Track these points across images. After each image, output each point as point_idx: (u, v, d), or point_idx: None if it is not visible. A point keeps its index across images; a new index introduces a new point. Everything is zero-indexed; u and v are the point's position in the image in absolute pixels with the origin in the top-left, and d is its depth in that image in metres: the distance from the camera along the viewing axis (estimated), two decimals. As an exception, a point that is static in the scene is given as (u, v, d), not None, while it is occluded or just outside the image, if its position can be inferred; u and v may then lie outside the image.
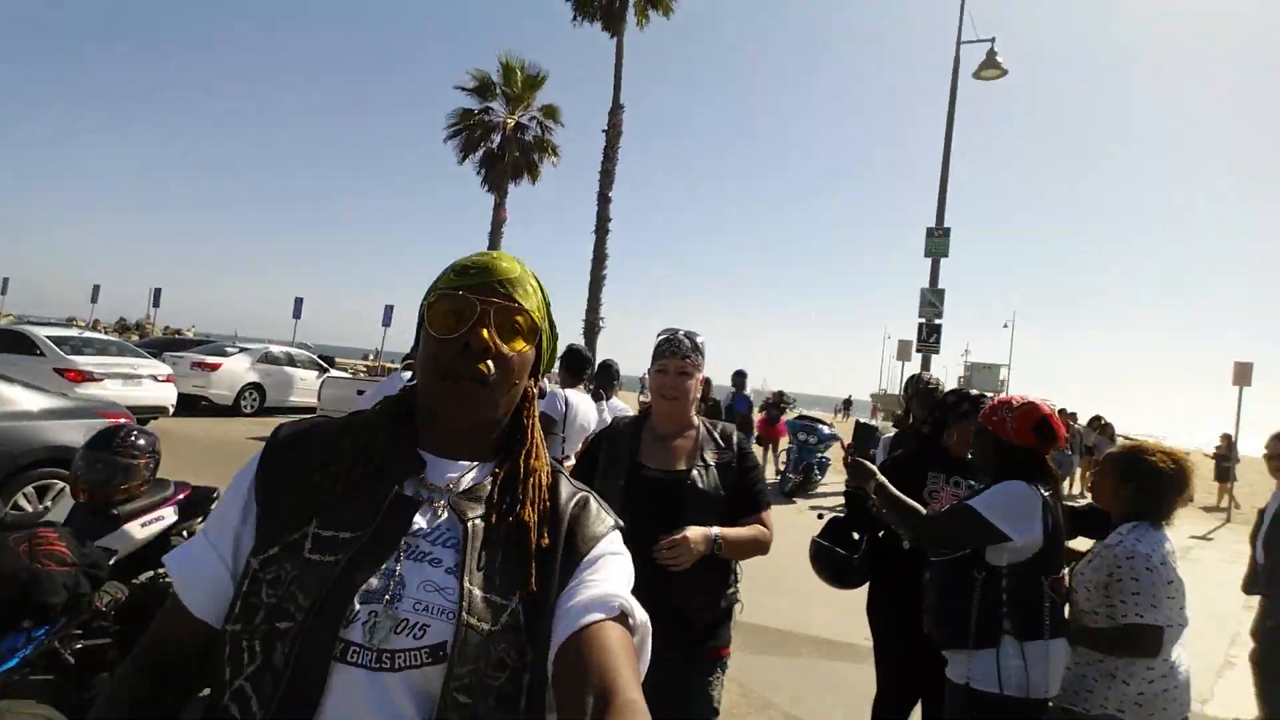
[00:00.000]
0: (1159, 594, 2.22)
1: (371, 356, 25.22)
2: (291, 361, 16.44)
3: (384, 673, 0.80)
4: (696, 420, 2.37)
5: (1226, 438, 15.80)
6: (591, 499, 1.02)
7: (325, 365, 17.49)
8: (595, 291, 22.08)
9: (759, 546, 2.22)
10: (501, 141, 24.31)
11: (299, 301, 22.39)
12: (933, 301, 15.22)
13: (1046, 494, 2.27)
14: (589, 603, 0.85)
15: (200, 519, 3.64)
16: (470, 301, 0.93)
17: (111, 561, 2.72)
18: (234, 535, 0.91)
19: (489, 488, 0.95)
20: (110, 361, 10.78)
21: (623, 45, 22.54)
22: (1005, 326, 53.90)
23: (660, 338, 2.34)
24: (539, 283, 1.03)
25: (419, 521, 0.90)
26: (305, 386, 16.09)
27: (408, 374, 4.46)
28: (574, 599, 0.86)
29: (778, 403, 14.79)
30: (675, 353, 2.27)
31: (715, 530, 2.10)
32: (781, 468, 13.03)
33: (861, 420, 3.96)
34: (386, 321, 21.99)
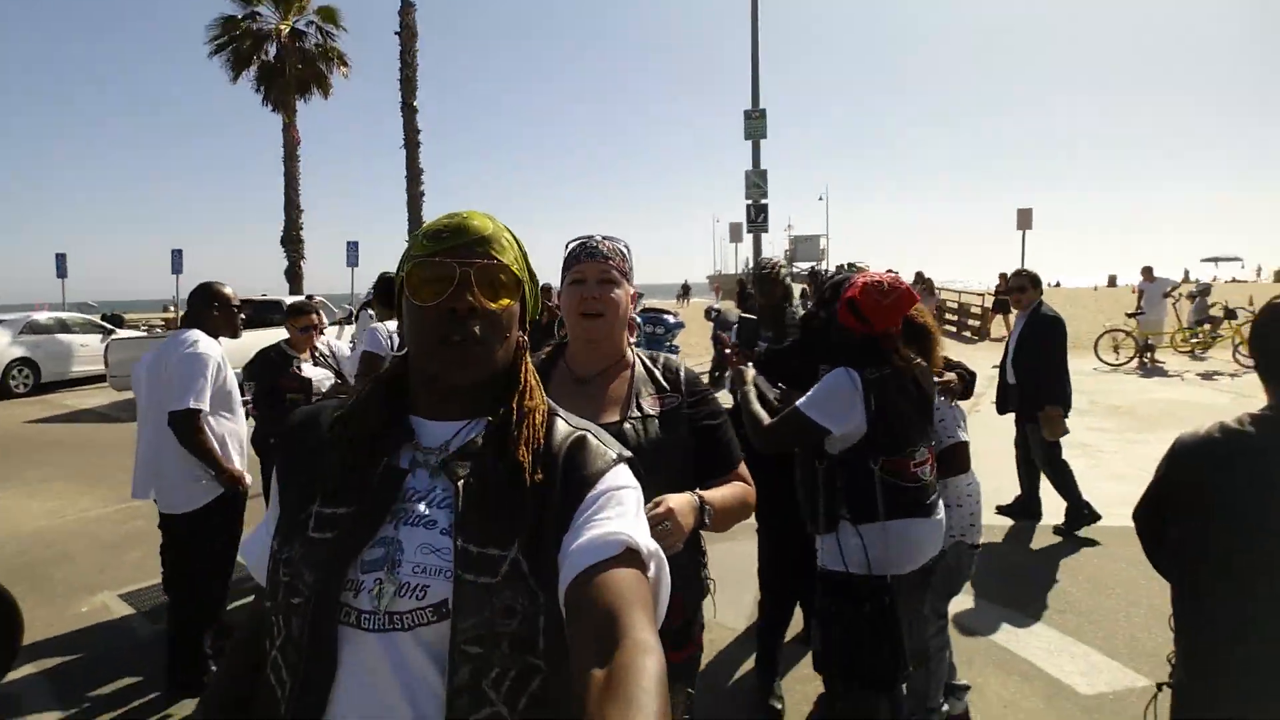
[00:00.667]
0: (958, 415, 2.72)
1: (171, 308, 22.29)
2: (65, 328, 14.26)
3: (396, 633, 0.84)
4: (630, 354, 1.74)
5: (1003, 276, 17.82)
6: (589, 435, 1.00)
7: (109, 326, 15.24)
8: (415, 210, 20.72)
9: (746, 510, 1.67)
10: (278, 52, 21.55)
11: (60, 258, 19.25)
12: (757, 182, 15.56)
13: (875, 375, 2.27)
14: (591, 544, 0.84)
15: None
16: (449, 265, 0.94)
17: None
18: (274, 516, 0.99)
19: (480, 441, 0.95)
20: None
21: (402, -68, 20.31)
22: (820, 199, 56.87)
23: (571, 245, 1.70)
24: (513, 234, 1.04)
25: (413, 487, 0.93)
26: (89, 353, 13.99)
27: (386, 324, 3.97)
28: (576, 540, 0.86)
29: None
30: (593, 255, 1.64)
31: (698, 494, 1.53)
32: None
33: (716, 308, 3.89)
34: (177, 268, 19.31)
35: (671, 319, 12.45)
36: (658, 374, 1.71)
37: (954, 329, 20.12)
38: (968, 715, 2.97)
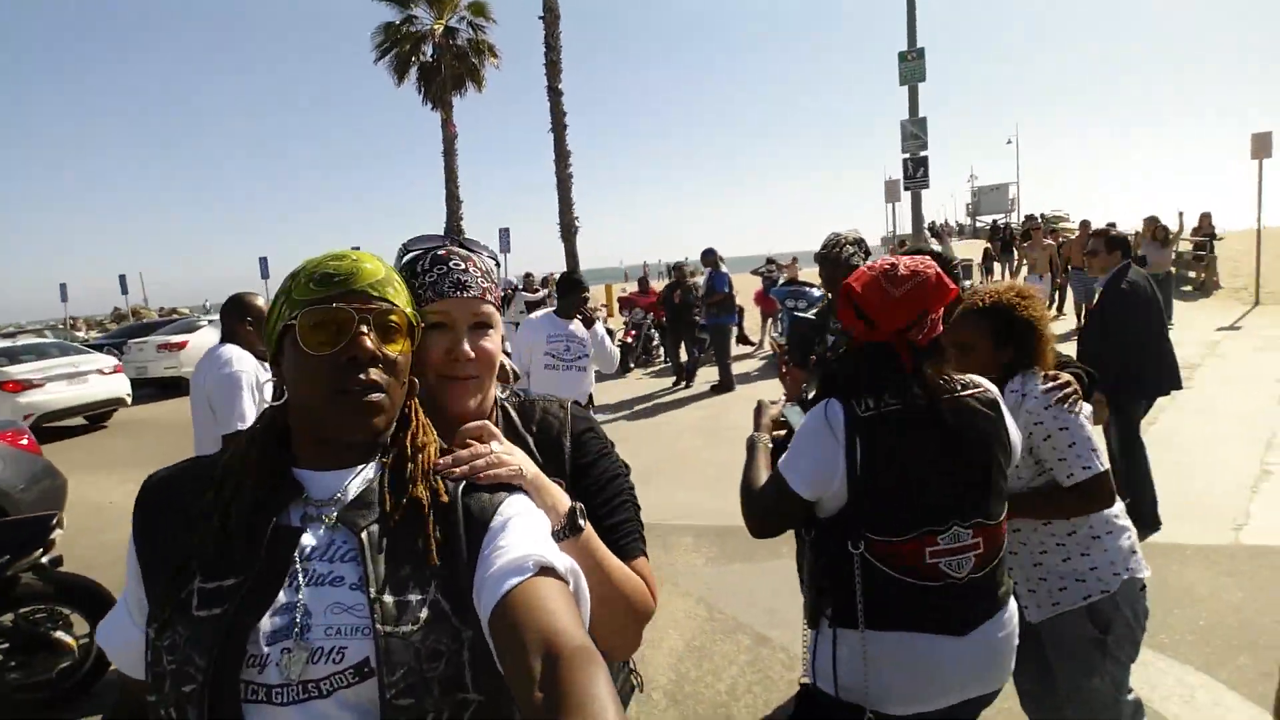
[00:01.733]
0: (1090, 436, 1.97)
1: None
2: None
3: (314, 701, 0.80)
4: (495, 407, 1.25)
5: (1204, 217, 15.89)
6: None
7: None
8: (565, 192, 20.91)
9: (630, 612, 1.09)
10: (434, 52, 22.61)
11: (264, 261, 21.64)
12: (915, 133, 14.09)
13: (870, 413, 1.58)
14: (506, 568, 0.82)
15: (40, 551, 3.19)
16: (346, 312, 0.90)
17: None
18: (138, 599, 0.92)
19: (376, 486, 0.92)
20: (50, 365, 10.26)
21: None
22: (1009, 143, 51.66)
23: (412, 255, 1.19)
24: (399, 277, 1.00)
25: (310, 544, 0.88)
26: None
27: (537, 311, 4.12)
28: (489, 569, 0.84)
29: (769, 271, 13.97)
30: (460, 287, 1.14)
31: (579, 507, 1.05)
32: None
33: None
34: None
35: (816, 291, 11.48)
36: (531, 444, 1.20)
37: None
38: None
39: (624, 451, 1.32)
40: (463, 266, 1.15)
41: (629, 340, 12.80)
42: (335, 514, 0.90)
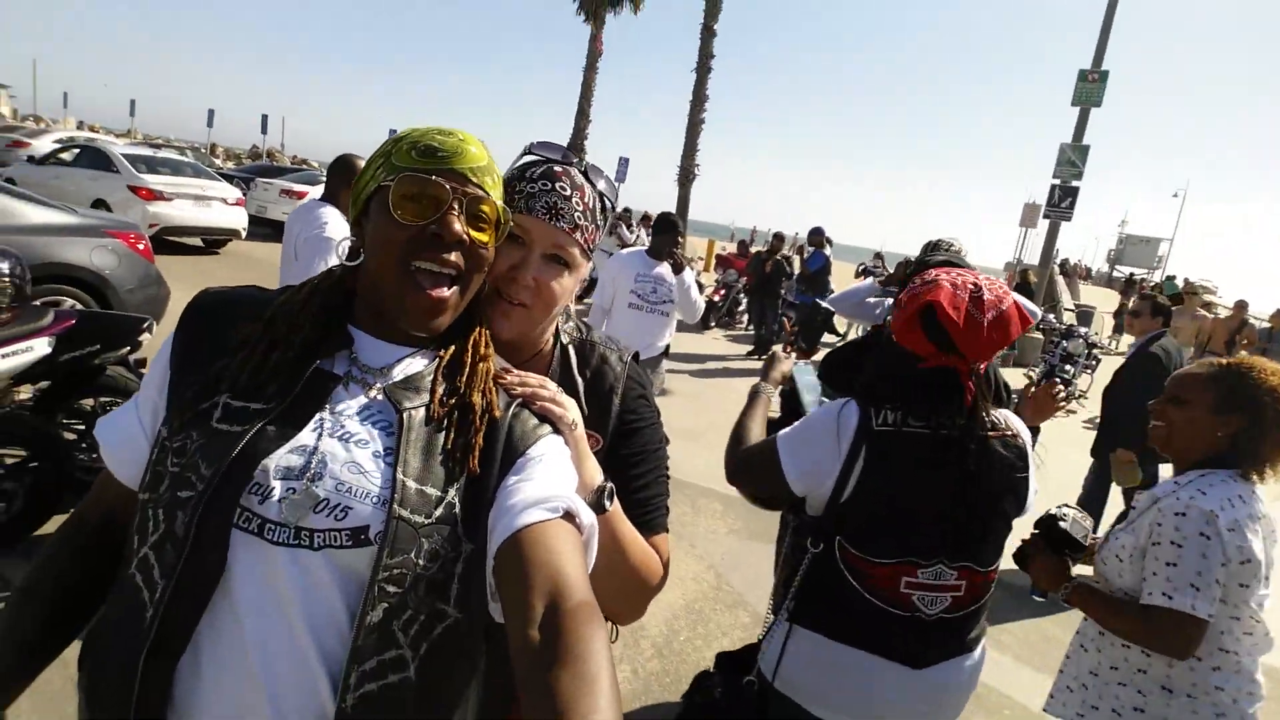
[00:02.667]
0: (1207, 571, 1.54)
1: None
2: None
3: (302, 550, 0.78)
4: (553, 345, 1.21)
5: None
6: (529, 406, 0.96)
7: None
8: (692, 137, 20.59)
9: (642, 585, 1.09)
10: (601, -38, 22.20)
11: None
12: (1073, 160, 13.14)
13: (888, 429, 1.50)
14: (529, 501, 0.82)
15: (128, 349, 3.44)
16: (442, 187, 0.88)
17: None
18: (153, 404, 0.91)
19: (429, 376, 0.91)
20: (182, 182, 10.85)
21: None
22: (1175, 196, 47.95)
23: (530, 160, 1.13)
24: (498, 171, 0.99)
25: (345, 399, 0.87)
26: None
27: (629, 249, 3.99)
28: (513, 497, 0.83)
29: (874, 267, 13.49)
30: (550, 211, 1.07)
31: (609, 486, 1.02)
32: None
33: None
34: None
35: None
36: (580, 388, 1.16)
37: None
38: None
39: (683, 407, 1.36)
40: (568, 193, 1.08)
41: (716, 299, 12.69)
42: (383, 386, 0.89)
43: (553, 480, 0.86)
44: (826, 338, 11.76)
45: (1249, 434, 1.65)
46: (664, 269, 4.50)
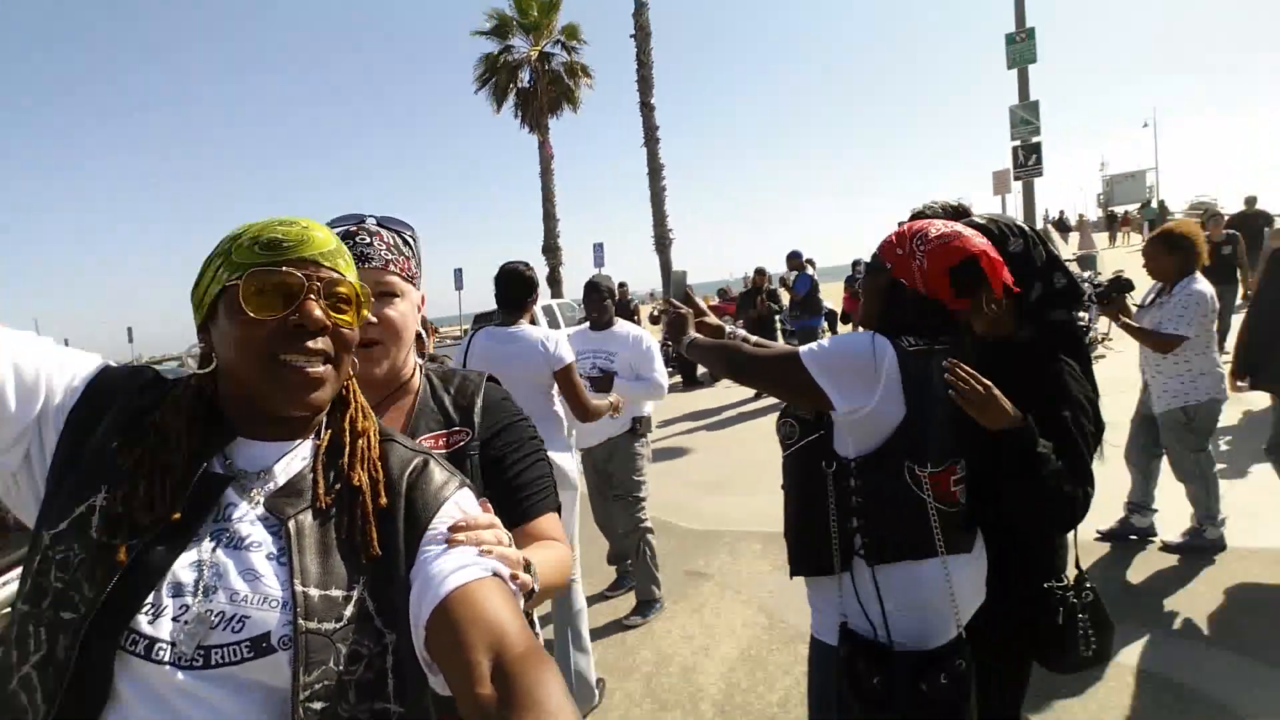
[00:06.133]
0: None
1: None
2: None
3: (198, 670, 0.73)
4: (417, 376, 1.32)
5: None
6: (431, 461, 0.94)
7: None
8: (658, 205, 21.03)
9: (560, 584, 1.17)
10: (531, 77, 23.28)
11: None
12: (1026, 118, 13.20)
13: (917, 348, 1.55)
14: (451, 566, 0.79)
15: None
16: (294, 275, 0.85)
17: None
18: (29, 470, 0.84)
19: (309, 472, 0.87)
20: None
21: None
22: (1145, 126, 47.99)
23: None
24: (347, 250, 0.95)
25: (234, 501, 0.83)
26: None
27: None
28: (433, 566, 0.80)
29: (856, 274, 13.38)
30: (360, 259, 1.21)
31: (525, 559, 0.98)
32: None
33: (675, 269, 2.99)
34: (459, 285, 21.75)
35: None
36: (447, 402, 1.29)
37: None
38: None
39: (705, 460, 1.37)
40: (368, 240, 1.25)
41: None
42: (264, 496, 0.85)
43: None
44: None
45: None
46: (609, 335, 3.88)
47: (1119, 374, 5.81)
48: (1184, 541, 3.78)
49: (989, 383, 1.53)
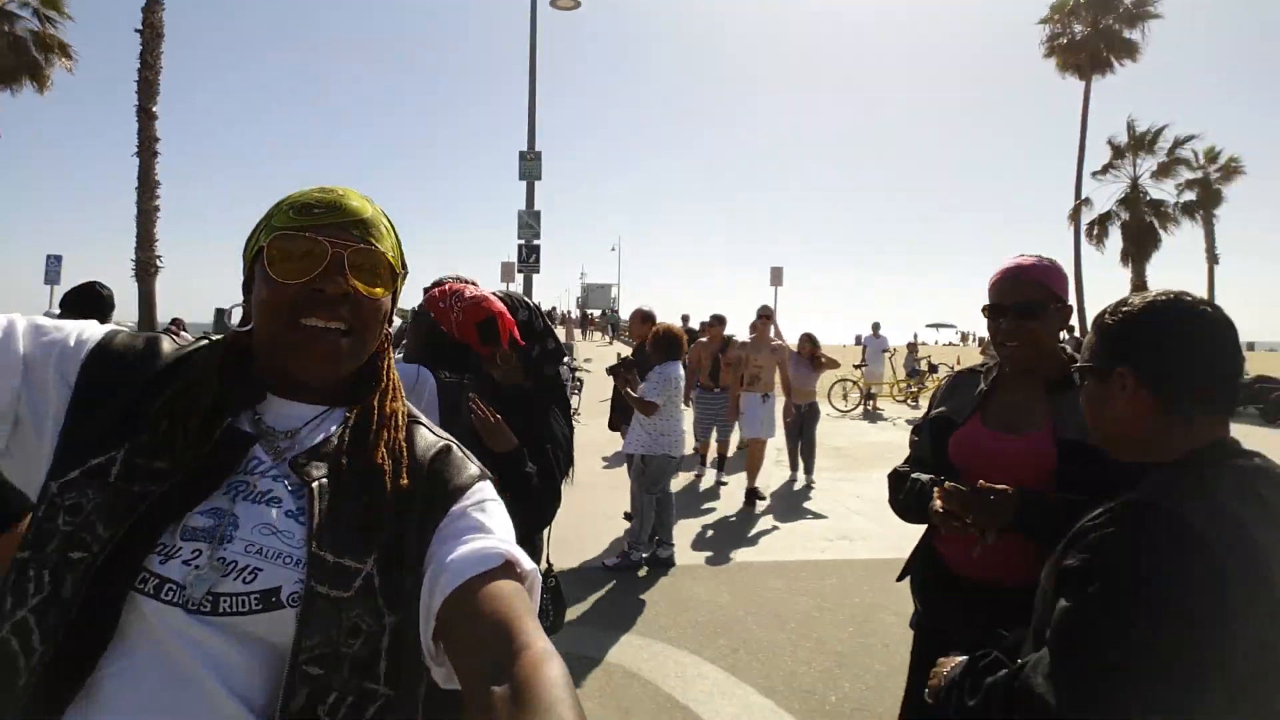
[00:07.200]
0: None
1: None
2: None
3: (204, 616, 0.73)
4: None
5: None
6: (454, 446, 0.95)
7: None
8: (146, 226, 18.15)
9: None
10: (-21, 32, 18.19)
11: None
12: (529, 223, 15.60)
13: (450, 380, 2.09)
14: (472, 555, 0.79)
15: None
16: (318, 242, 0.85)
17: None
18: (33, 441, 0.80)
19: (335, 441, 0.88)
20: None
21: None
22: (613, 250, 59.25)
23: None
24: (391, 222, 0.95)
25: (257, 458, 0.84)
26: None
27: None
28: (453, 552, 0.80)
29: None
30: None
31: None
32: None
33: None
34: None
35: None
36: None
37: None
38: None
39: None
40: None
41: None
42: (290, 455, 0.85)
43: (489, 529, 0.85)
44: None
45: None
46: None
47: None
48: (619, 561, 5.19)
49: (499, 415, 2.00)
